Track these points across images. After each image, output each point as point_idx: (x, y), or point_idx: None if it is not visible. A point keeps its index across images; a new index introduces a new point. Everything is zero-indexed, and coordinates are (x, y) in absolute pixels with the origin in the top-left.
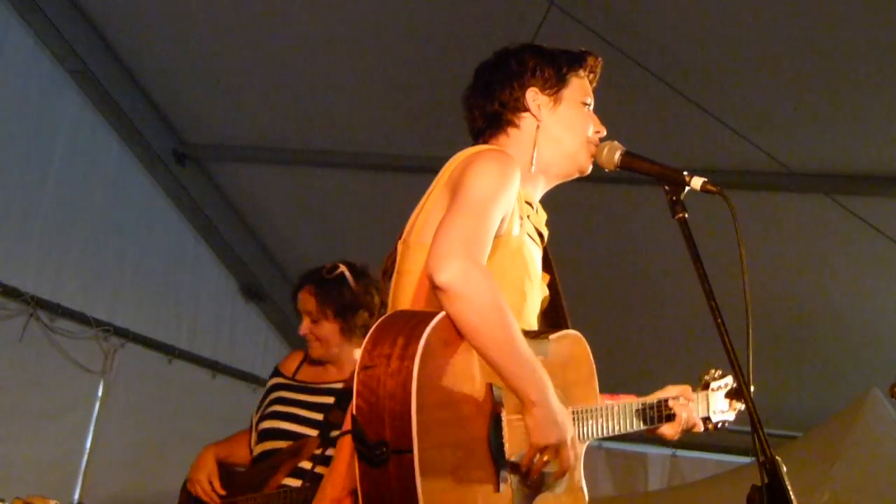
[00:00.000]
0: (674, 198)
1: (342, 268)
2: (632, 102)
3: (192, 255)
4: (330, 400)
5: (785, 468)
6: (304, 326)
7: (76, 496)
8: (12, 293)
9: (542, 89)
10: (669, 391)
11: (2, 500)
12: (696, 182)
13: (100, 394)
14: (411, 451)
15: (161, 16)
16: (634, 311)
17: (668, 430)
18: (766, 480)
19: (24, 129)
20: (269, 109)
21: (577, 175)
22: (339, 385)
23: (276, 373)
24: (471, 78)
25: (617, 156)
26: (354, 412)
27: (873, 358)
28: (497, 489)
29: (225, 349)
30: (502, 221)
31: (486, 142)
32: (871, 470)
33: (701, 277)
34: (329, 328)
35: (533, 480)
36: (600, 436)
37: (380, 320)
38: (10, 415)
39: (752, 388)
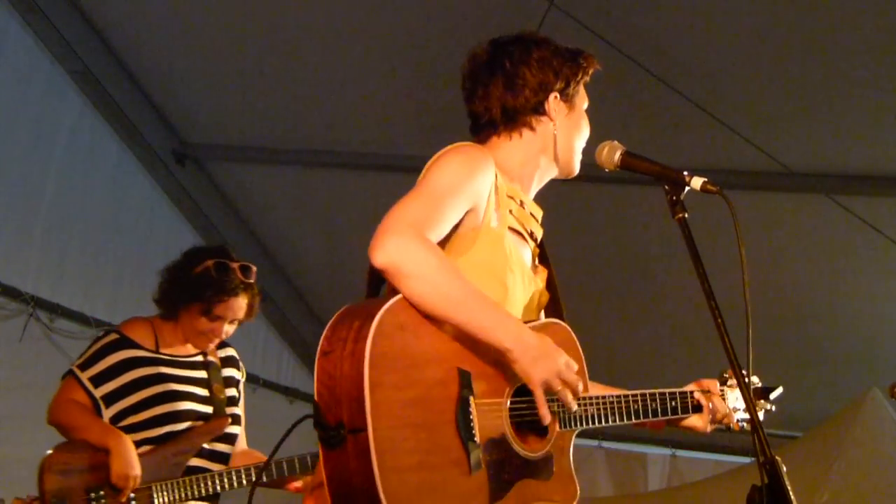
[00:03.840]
0: (674, 198)
1: (254, 269)
2: (632, 102)
3: None
4: (203, 374)
5: (785, 468)
6: (229, 333)
7: None
8: (12, 293)
9: (562, 95)
10: (695, 384)
11: (2, 500)
12: (696, 182)
13: None
14: (366, 429)
15: (161, 16)
16: (635, 310)
17: (698, 421)
18: (766, 480)
19: (24, 129)
20: (269, 109)
21: (562, 178)
22: (199, 357)
23: (131, 343)
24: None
25: (617, 156)
26: (316, 398)
27: (873, 358)
28: (469, 472)
29: None
30: (473, 212)
31: (489, 136)
32: (870, 470)
33: (701, 277)
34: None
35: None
36: (601, 424)
37: (341, 309)
38: (9, 415)
39: (751, 388)
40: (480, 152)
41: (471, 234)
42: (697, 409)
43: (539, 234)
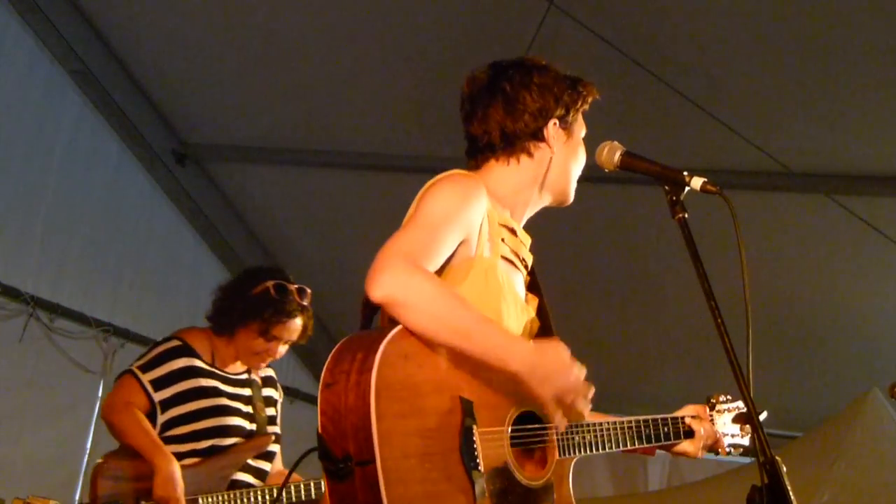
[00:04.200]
0: (674, 198)
1: (309, 291)
2: (632, 102)
3: (192, 255)
4: (248, 391)
5: (785, 468)
6: (281, 353)
7: (76, 496)
8: (12, 293)
9: (561, 122)
10: (685, 410)
11: (2, 501)
12: (696, 182)
13: (100, 394)
14: (374, 461)
15: (161, 16)
16: (635, 310)
17: (689, 446)
18: (766, 480)
19: (24, 129)
20: (269, 109)
21: (555, 206)
22: (245, 375)
23: (193, 352)
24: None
25: (617, 156)
26: (320, 430)
27: (873, 358)
28: (473, 502)
29: None
30: (466, 243)
31: (486, 160)
32: (871, 470)
33: (701, 277)
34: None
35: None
36: (597, 451)
37: (342, 340)
38: (10, 415)
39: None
40: (472, 181)
41: (464, 265)
42: (689, 434)
43: (530, 260)
